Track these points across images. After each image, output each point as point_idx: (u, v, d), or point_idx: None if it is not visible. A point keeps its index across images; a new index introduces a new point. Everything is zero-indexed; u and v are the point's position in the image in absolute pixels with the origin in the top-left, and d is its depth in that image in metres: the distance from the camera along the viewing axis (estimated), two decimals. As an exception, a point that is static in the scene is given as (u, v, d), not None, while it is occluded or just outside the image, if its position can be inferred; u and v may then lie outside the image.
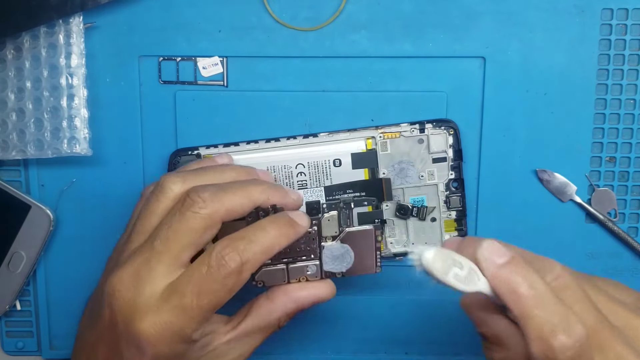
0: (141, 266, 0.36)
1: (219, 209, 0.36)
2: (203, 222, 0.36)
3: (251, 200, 0.37)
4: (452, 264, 0.32)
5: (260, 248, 0.36)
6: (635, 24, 0.46)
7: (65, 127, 0.46)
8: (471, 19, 0.47)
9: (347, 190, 0.47)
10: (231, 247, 0.35)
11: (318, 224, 0.39)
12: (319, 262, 0.40)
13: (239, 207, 0.37)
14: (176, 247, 0.36)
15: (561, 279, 0.32)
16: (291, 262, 0.39)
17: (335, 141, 0.47)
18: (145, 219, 0.38)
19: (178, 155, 0.47)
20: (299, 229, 0.38)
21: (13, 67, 0.46)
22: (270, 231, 0.37)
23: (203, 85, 0.48)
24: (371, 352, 0.51)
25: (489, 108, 0.47)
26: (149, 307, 0.35)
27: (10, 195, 0.48)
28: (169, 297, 0.35)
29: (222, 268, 0.35)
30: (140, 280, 0.35)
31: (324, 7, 0.47)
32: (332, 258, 0.39)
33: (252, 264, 0.36)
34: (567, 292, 0.32)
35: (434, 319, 0.50)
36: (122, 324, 0.35)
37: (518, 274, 0.32)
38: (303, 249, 0.39)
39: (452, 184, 0.48)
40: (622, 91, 0.47)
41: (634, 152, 0.48)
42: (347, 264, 0.40)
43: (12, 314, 0.51)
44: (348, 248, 0.39)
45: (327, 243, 0.39)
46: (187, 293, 0.35)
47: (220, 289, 0.35)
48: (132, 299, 0.35)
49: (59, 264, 0.50)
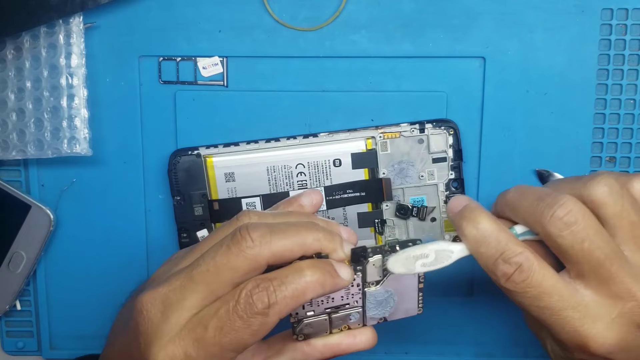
0: (175, 292, 0.34)
1: (266, 251, 0.34)
2: (247, 262, 0.34)
3: (302, 248, 0.35)
4: (414, 260, 0.35)
5: (292, 293, 0.33)
6: (635, 24, 0.46)
7: (65, 127, 0.46)
8: (471, 19, 0.47)
9: (347, 190, 0.47)
10: (262, 287, 0.33)
11: (363, 269, 0.36)
12: (363, 308, 0.37)
13: (288, 252, 0.34)
14: (214, 281, 0.34)
15: (571, 215, 0.33)
16: (333, 312, 0.37)
17: (335, 141, 0.47)
18: (205, 244, 0.36)
19: (178, 155, 0.47)
20: (340, 282, 0.35)
21: (13, 67, 0.46)
22: (307, 276, 0.34)
23: (203, 85, 0.48)
24: (371, 352, 0.51)
25: (489, 108, 0.47)
26: (170, 337, 0.33)
27: (10, 195, 0.48)
28: (193, 329, 0.33)
29: (249, 307, 0.33)
30: (169, 306, 0.34)
31: (324, 7, 0.47)
32: (376, 304, 0.38)
33: (280, 307, 0.33)
34: (577, 227, 0.33)
35: (434, 319, 0.50)
36: (144, 345, 0.34)
37: (464, 219, 0.35)
38: (345, 296, 0.37)
39: (452, 184, 0.48)
40: (622, 91, 0.47)
41: (634, 152, 0.48)
42: (390, 308, 0.38)
43: (12, 314, 0.51)
44: (392, 292, 0.37)
45: (371, 289, 0.37)
46: (210, 327, 0.33)
47: (244, 328, 0.33)
48: (158, 324, 0.34)
49: (59, 264, 0.50)
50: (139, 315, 0.34)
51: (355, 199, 0.48)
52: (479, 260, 0.35)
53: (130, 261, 0.50)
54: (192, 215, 0.48)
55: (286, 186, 0.47)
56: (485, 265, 0.35)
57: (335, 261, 0.35)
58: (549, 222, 0.33)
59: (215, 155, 0.47)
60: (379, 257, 0.36)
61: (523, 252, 0.34)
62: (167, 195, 0.48)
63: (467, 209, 0.36)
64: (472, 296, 0.50)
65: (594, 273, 0.33)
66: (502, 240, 0.34)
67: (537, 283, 0.34)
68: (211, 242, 0.36)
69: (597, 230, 0.33)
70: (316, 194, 0.41)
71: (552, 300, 0.34)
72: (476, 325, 0.50)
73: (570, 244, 0.33)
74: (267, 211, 0.39)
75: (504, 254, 0.34)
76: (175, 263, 0.37)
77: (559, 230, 0.33)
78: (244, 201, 0.47)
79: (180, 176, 0.48)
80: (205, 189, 0.47)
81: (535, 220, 0.34)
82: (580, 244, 0.33)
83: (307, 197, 0.40)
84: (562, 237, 0.33)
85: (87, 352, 0.51)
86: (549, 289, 0.34)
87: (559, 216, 0.33)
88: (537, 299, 0.34)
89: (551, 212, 0.33)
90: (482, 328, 0.50)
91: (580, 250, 0.33)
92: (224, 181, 0.47)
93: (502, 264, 0.34)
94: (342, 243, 0.36)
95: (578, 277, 0.34)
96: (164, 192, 0.49)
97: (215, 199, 0.47)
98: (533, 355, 0.50)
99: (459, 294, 0.50)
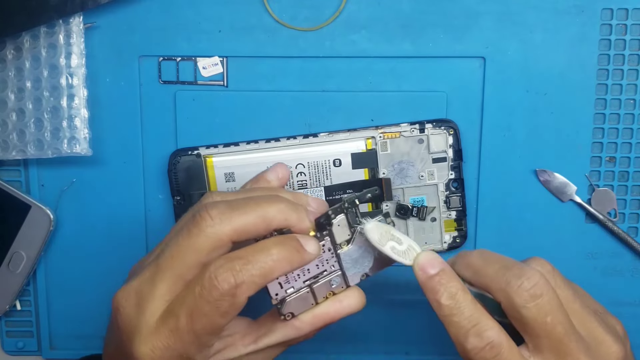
0: (145, 283, 0.34)
1: (227, 228, 0.33)
2: (209, 241, 0.33)
3: (266, 220, 0.34)
4: (390, 238, 0.36)
5: (259, 271, 0.33)
6: (635, 24, 0.46)
7: (65, 127, 0.46)
8: (471, 19, 0.47)
9: (347, 190, 0.47)
10: (225, 267, 0.32)
11: (330, 233, 0.36)
12: (341, 271, 0.37)
13: (252, 227, 0.34)
14: (180, 265, 0.33)
15: (537, 287, 0.33)
16: (313, 282, 0.37)
17: (335, 141, 0.47)
18: (171, 232, 0.36)
19: (178, 155, 0.47)
20: (306, 256, 0.35)
21: (13, 67, 0.46)
22: (273, 254, 0.34)
23: (203, 85, 0.48)
24: (371, 353, 0.51)
25: (489, 108, 0.47)
26: (149, 329, 0.33)
27: (10, 195, 0.48)
28: (166, 319, 0.33)
29: (214, 289, 0.32)
30: (142, 298, 0.34)
31: (324, 7, 0.47)
32: (353, 262, 0.37)
33: (247, 286, 0.33)
34: (542, 300, 0.33)
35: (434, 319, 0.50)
36: (127, 341, 0.34)
37: (441, 285, 0.35)
38: (320, 264, 0.36)
39: (452, 184, 0.48)
40: (622, 91, 0.47)
41: (634, 152, 0.48)
42: (368, 262, 0.37)
43: (12, 314, 0.51)
44: (365, 247, 0.37)
45: (343, 249, 0.37)
46: (181, 315, 0.33)
47: (213, 312, 0.32)
48: (135, 318, 0.34)
49: (59, 264, 0.50)
50: (116, 313, 0.35)
51: (355, 199, 0.48)
52: (449, 328, 0.35)
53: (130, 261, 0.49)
54: (192, 215, 0.48)
55: (286, 186, 0.47)
56: (455, 336, 0.34)
57: (300, 235, 0.35)
58: (515, 292, 0.33)
59: (215, 155, 0.47)
60: (342, 216, 0.36)
61: (494, 328, 0.34)
62: (167, 195, 0.48)
63: (444, 275, 0.35)
64: (472, 296, 0.50)
65: (553, 348, 0.33)
66: (475, 313, 0.34)
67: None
68: (176, 228, 0.36)
69: (559, 306, 0.33)
70: (282, 168, 0.40)
71: None
72: (476, 325, 0.50)
73: (534, 317, 0.33)
74: (232, 191, 0.39)
75: (477, 327, 0.34)
76: (147, 256, 0.37)
77: (525, 301, 0.33)
78: (244, 201, 0.47)
79: (180, 176, 0.48)
80: (205, 189, 0.47)
81: (499, 289, 0.34)
82: (543, 318, 0.33)
83: (272, 172, 0.40)
84: (527, 308, 0.33)
85: (87, 352, 0.51)
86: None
87: (526, 288, 0.33)
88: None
89: (518, 282, 0.33)
90: (482, 328, 0.50)
91: (543, 324, 0.33)
92: (224, 181, 0.47)
93: (474, 337, 0.34)
94: (307, 213, 0.36)
95: (536, 351, 0.34)
96: (164, 192, 0.49)
97: (215, 199, 0.47)
98: (533, 355, 0.50)
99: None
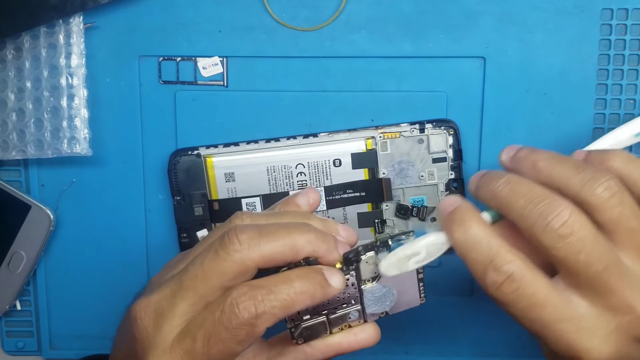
0: (165, 300, 0.34)
1: (255, 255, 0.33)
2: (235, 266, 0.33)
3: (294, 250, 0.33)
4: (406, 259, 0.34)
5: (281, 303, 0.32)
6: (635, 24, 0.46)
7: (65, 127, 0.46)
8: (471, 19, 0.47)
9: (347, 190, 0.47)
10: (248, 296, 0.32)
11: (356, 269, 0.35)
12: (361, 306, 0.36)
13: (279, 255, 0.33)
14: (203, 287, 0.33)
15: (567, 226, 0.31)
16: (331, 312, 0.36)
17: (335, 141, 0.47)
18: (197, 248, 0.36)
19: (178, 155, 0.47)
20: (330, 290, 0.34)
21: (13, 67, 0.46)
22: (297, 287, 0.33)
23: (203, 85, 0.48)
24: (371, 353, 0.51)
25: (489, 108, 0.47)
26: (164, 347, 0.33)
27: (10, 195, 0.48)
28: (182, 339, 0.33)
29: (235, 317, 0.32)
30: (161, 314, 0.33)
31: (324, 7, 0.47)
32: (375, 300, 0.36)
33: (267, 317, 0.32)
34: (571, 239, 0.31)
35: (434, 319, 0.50)
36: (141, 354, 0.34)
37: (454, 222, 0.33)
38: (342, 297, 0.36)
39: (452, 184, 0.48)
40: (622, 91, 0.47)
41: (634, 152, 0.48)
42: (390, 302, 0.37)
43: (12, 314, 0.51)
44: (390, 287, 0.36)
45: (367, 286, 0.36)
46: (197, 337, 0.32)
47: (230, 339, 0.32)
48: (151, 333, 0.33)
49: (59, 264, 0.50)
50: (134, 324, 0.34)
51: (355, 199, 0.48)
52: (469, 266, 0.33)
53: (130, 261, 0.50)
54: (192, 215, 0.48)
55: (286, 186, 0.47)
56: (474, 273, 0.33)
57: (326, 268, 0.34)
58: (542, 233, 0.31)
59: (215, 155, 0.47)
60: (372, 253, 0.35)
61: (514, 261, 0.32)
62: (167, 195, 0.48)
63: (458, 211, 0.33)
64: (472, 296, 0.50)
65: (590, 284, 0.32)
66: (493, 247, 0.32)
67: (529, 294, 0.32)
68: (203, 245, 0.36)
69: (594, 241, 0.31)
70: (313, 193, 0.39)
71: (544, 312, 0.32)
72: (476, 325, 0.50)
73: (565, 256, 0.31)
74: (262, 212, 0.38)
75: (494, 262, 0.32)
76: (170, 269, 0.37)
77: (553, 242, 0.31)
78: (244, 201, 0.47)
79: (180, 176, 0.48)
80: (205, 189, 0.47)
81: (527, 227, 0.32)
82: (575, 256, 0.31)
83: (303, 197, 0.39)
84: (556, 249, 0.31)
85: (87, 352, 0.51)
86: (541, 301, 0.32)
87: (554, 228, 0.31)
88: (528, 310, 0.32)
89: (545, 222, 0.31)
90: (482, 328, 0.50)
91: (575, 263, 0.31)
92: (224, 181, 0.47)
93: (492, 272, 0.32)
94: (336, 244, 0.35)
95: (573, 286, 0.32)
96: (164, 192, 0.49)
97: (215, 199, 0.47)
98: (533, 356, 0.50)
99: (459, 294, 0.50)
